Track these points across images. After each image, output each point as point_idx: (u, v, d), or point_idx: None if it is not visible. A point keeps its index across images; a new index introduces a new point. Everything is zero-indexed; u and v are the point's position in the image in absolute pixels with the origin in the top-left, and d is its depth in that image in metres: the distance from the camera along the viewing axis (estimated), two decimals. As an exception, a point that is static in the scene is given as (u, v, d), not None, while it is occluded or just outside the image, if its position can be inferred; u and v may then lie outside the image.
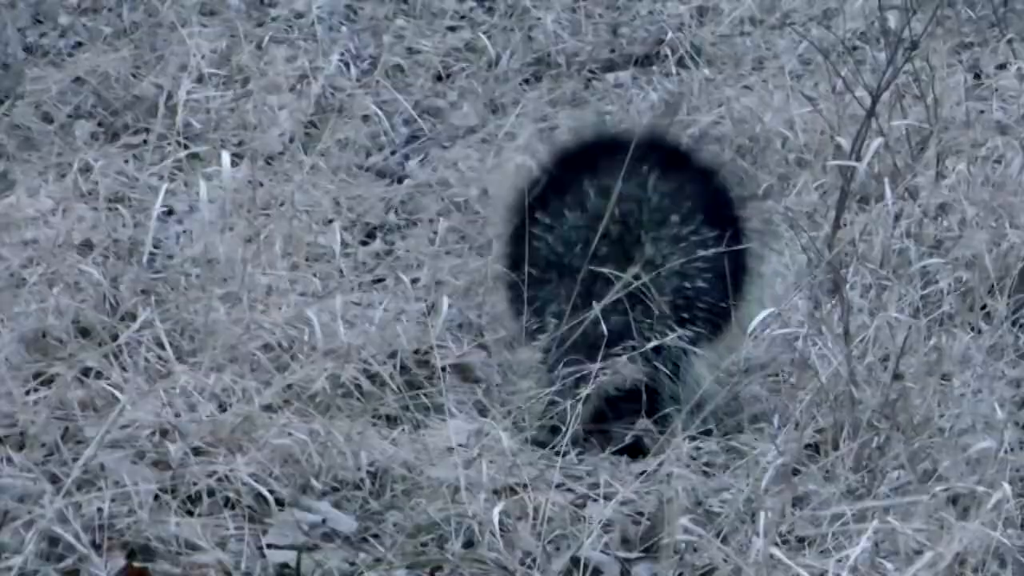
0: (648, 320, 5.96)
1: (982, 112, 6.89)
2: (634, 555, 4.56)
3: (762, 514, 4.48)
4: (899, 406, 5.07)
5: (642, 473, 4.95)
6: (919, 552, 4.39)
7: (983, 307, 5.75)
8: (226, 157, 6.05)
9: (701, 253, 6.04)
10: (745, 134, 6.66)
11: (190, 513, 4.47)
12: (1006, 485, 4.73)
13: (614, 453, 5.70)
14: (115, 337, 5.17)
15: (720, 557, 4.44)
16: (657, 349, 5.91)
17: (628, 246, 6.10)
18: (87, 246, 5.63)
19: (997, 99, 7.04)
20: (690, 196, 6.28)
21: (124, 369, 5.00)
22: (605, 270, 5.88)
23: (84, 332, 5.23)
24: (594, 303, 5.85)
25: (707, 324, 6.10)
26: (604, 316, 5.82)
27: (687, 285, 6.09)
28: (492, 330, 5.81)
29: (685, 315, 6.07)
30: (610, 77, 8.64)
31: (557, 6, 7.35)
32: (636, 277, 5.90)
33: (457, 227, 6.03)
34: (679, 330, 5.96)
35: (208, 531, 4.38)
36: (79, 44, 6.95)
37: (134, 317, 5.24)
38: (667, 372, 5.92)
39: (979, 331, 5.69)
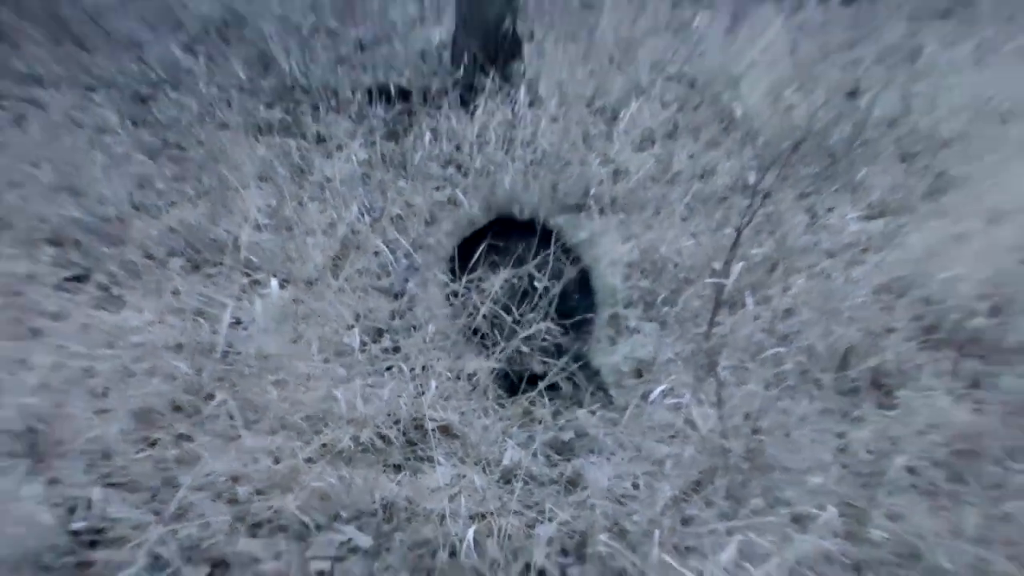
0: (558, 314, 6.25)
1: (816, 243, 6.94)
2: (570, 561, 4.58)
3: (657, 531, 4.59)
4: (757, 453, 5.14)
5: (576, 503, 4.90)
6: (770, 556, 4.47)
7: (816, 381, 5.80)
8: (275, 283, 6.19)
9: (569, 279, 6.30)
10: (649, 260, 6.71)
11: (254, 536, 4.55)
12: (832, 508, 4.81)
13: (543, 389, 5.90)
14: (199, 411, 5.24)
15: (629, 563, 4.52)
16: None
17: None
18: (178, 347, 5.68)
19: (827, 233, 7.10)
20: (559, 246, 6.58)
21: (206, 434, 5.07)
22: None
23: (177, 408, 5.29)
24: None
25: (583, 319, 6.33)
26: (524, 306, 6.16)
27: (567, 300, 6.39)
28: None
29: (567, 315, 6.38)
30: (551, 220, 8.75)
31: (512, 171, 7.42)
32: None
33: (442, 330, 6.08)
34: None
35: (268, 548, 4.47)
36: (172, 203, 7.00)
37: (212, 397, 5.31)
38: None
39: (813, 398, 5.74)
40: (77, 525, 4.48)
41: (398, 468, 5.02)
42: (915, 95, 8.65)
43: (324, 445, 5.01)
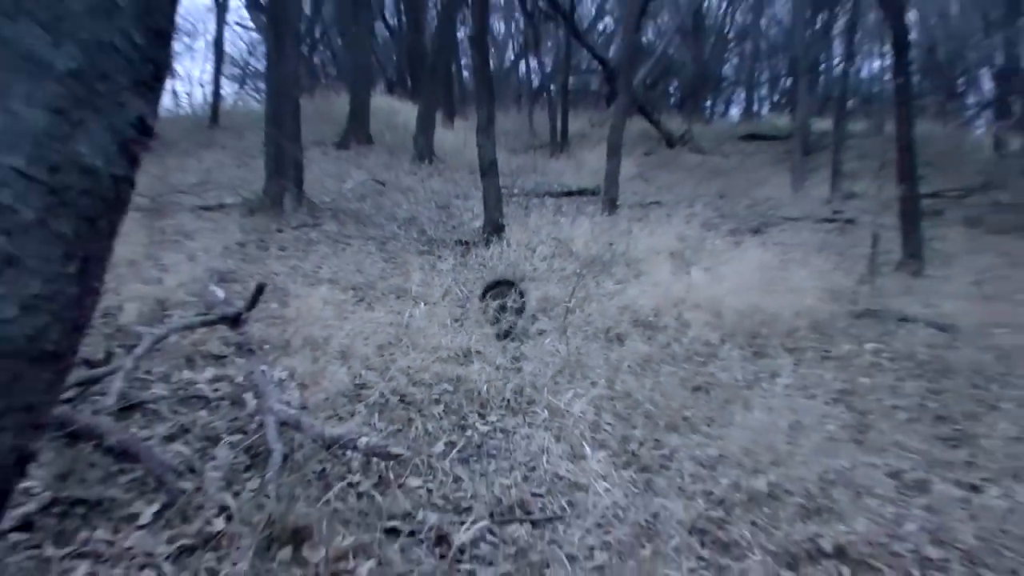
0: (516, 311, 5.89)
1: (599, 292, 6.81)
2: (518, 396, 4.42)
3: (546, 387, 4.48)
4: (579, 360, 5.05)
5: (520, 376, 4.82)
6: (584, 395, 4.38)
7: (598, 337, 5.69)
8: (423, 304, 6.05)
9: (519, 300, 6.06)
10: (544, 297, 6.56)
11: (414, 386, 4.42)
12: (602, 380, 4.71)
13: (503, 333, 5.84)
14: (397, 345, 5.11)
15: (537, 396, 4.43)
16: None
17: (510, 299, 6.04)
18: (391, 324, 5.54)
19: (602, 290, 6.95)
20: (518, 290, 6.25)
21: (401, 352, 4.95)
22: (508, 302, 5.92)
23: (389, 344, 5.20)
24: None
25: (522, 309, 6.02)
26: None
27: (516, 309, 6.03)
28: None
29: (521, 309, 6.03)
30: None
31: (501, 267, 7.41)
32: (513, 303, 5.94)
33: (477, 319, 5.97)
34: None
35: (419, 391, 4.37)
36: (392, 278, 6.98)
37: (401, 340, 5.19)
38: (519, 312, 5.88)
39: (597, 342, 5.59)
40: (358, 381, 4.39)
41: (462, 364, 4.92)
42: (630, 244, 8.59)
43: (437, 356, 4.92)
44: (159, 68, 1.16)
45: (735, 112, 31.62)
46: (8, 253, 1.05)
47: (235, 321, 4.56)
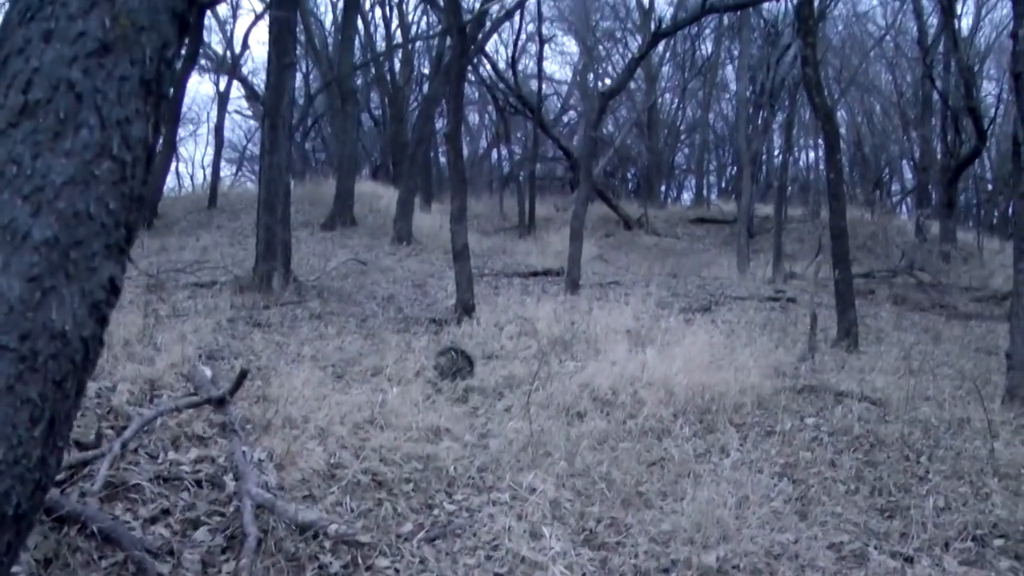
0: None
1: (562, 371, 6.73)
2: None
3: (509, 469, 4.38)
4: (539, 439, 4.95)
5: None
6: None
7: (556, 408, 5.58)
8: (395, 387, 5.89)
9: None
10: (507, 375, 6.47)
11: (386, 464, 4.31)
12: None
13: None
14: (371, 424, 4.99)
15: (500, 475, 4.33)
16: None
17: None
18: (368, 404, 5.43)
19: (564, 369, 6.76)
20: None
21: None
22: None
23: (372, 421, 5.06)
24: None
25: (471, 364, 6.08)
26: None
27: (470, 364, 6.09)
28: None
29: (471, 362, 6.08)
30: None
31: (470, 344, 7.37)
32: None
33: (445, 389, 5.87)
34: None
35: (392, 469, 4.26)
36: (370, 355, 6.89)
37: (374, 419, 5.06)
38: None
39: (563, 423, 5.51)
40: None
41: (431, 442, 4.73)
42: (590, 323, 8.57)
43: (408, 436, 4.72)
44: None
45: (687, 197, 32.50)
46: (-25, 423, 0.97)
47: (220, 403, 4.50)
